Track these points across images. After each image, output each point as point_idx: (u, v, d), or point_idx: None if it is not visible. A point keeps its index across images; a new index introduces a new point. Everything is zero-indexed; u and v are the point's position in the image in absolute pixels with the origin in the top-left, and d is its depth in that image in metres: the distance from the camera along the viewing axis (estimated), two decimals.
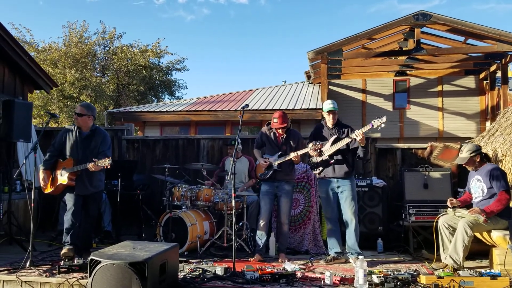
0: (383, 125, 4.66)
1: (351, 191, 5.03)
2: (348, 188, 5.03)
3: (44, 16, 41.98)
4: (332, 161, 5.03)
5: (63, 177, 5.03)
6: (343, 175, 5.04)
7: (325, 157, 5.04)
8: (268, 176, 5.23)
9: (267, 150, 5.39)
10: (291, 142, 5.27)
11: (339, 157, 5.04)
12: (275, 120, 5.21)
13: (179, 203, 5.86)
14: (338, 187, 5.07)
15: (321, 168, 5.14)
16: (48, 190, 5.14)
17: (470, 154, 4.75)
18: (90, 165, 4.78)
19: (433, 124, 14.10)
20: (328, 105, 5.17)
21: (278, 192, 5.30)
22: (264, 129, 5.45)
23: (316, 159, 5.12)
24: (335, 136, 5.05)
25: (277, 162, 5.16)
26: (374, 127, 4.69)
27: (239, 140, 5.01)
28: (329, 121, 5.16)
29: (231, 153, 6.31)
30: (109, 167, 4.77)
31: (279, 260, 5.07)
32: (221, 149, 7.28)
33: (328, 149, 5.02)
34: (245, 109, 4.98)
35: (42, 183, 5.10)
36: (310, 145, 4.96)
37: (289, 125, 5.29)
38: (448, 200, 4.85)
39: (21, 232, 5.93)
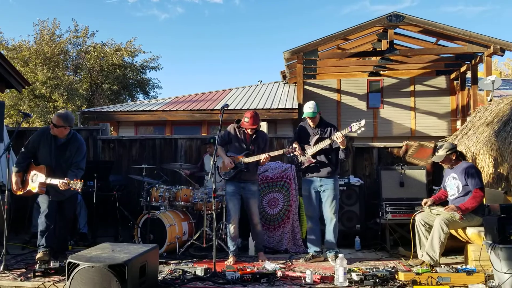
0: (362, 129, 4.71)
1: (333, 190, 5.06)
2: (330, 187, 5.05)
3: (14, 14, 40.90)
4: (315, 160, 5.06)
5: (34, 184, 4.85)
6: (326, 174, 5.07)
7: (308, 156, 5.07)
8: (232, 175, 5.19)
9: (232, 148, 5.26)
10: (259, 143, 5.25)
11: (322, 156, 5.06)
12: (246, 119, 5.10)
13: (157, 204, 5.79)
14: (321, 186, 5.09)
15: (304, 167, 5.17)
16: (19, 193, 4.97)
17: (446, 152, 4.86)
18: (60, 184, 4.56)
19: (405, 124, 14.37)
20: (306, 110, 5.11)
21: (244, 194, 5.20)
22: (232, 126, 5.30)
23: (300, 158, 5.15)
24: (318, 136, 5.08)
25: (246, 160, 5.11)
26: (353, 130, 4.72)
27: (219, 139, 4.93)
28: (310, 123, 5.18)
29: (210, 151, 6.28)
30: (79, 191, 4.65)
31: (259, 260, 5.07)
32: (199, 149, 7.24)
33: (311, 148, 5.05)
34: (225, 108, 4.97)
35: (14, 186, 4.90)
36: (284, 150, 5.02)
37: (259, 126, 5.26)
38: (422, 202, 4.95)
39: None
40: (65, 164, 4.89)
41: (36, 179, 4.85)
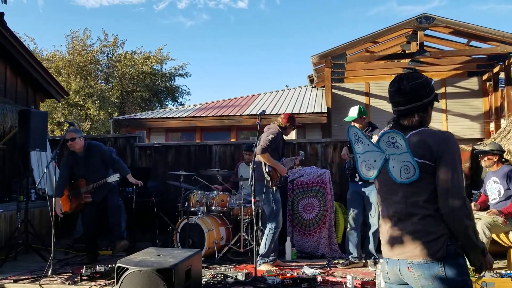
0: None
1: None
2: (374, 193, 4.99)
3: (44, 24, 42.18)
4: None
5: (78, 197, 5.45)
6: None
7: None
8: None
9: (272, 154, 5.08)
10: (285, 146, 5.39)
11: None
12: (289, 124, 5.23)
13: (195, 209, 5.91)
14: (365, 191, 5.09)
15: (351, 171, 5.20)
16: (71, 208, 5.54)
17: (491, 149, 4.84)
18: (105, 181, 5.38)
19: (437, 126, 14.13)
20: (349, 114, 5.09)
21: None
22: (279, 132, 5.20)
23: (349, 161, 5.19)
24: None
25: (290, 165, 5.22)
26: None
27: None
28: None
29: (248, 158, 6.27)
30: (118, 181, 5.42)
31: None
32: (233, 154, 7.33)
33: None
34: (262, 114, 5.03)
35: (58, 211, 5.27)
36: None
37: None
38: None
39: (38, 241, 5.98)
40: (94, 170, 5.46)
41: (78, 192, 5.40)
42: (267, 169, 4.94)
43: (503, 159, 4.90)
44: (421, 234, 1.92)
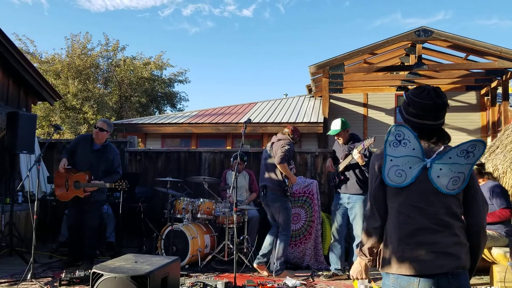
0: (372, 146, 4.69)
1: (361, 208, 4.92)
2: (358, 205, 4.95)
3: (48, 27, 42.43)
4: (342, 177, 5.04)
5: (78, 190, 5.28)
6: (353, 191, 5.00)
7: (338, 172, 5.08)
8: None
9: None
10: None
11: (351, 173, 5.02)
12: (296, 135, 5.49)
13: (180, 216, 5.87)
14: (348, 203, 5.04)
15: (336, 183, 5.18)
16: (63, 197, 5.39)
17: None
18: (102, 184, 5.29)
19: None
20: (331, 128, 5.17)
21: None
22: (291, 142, 5.36)
23: (334, 173, 5.19)
24: (346, 152, 5.06)
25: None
26: (365, 147, 4.70)
27: (245, 156, 5.05)
28: (338, 140, 5.19)
29: (240, 168, 6.28)
30: (125, 189, 5.40)
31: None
32: (223, 162, 7.30)
33: (340, 164, 5.06)
34: (248, 123, 5.02)
35: (62, 166, 5.26)
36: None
37: None
38: None
39: (22, 244, 5.94)
40: (99, 168, 5.38)
41: (79, 185, 5.25)
42: (282, 178, 5.13)
43: (485, 172, 4.87)
44: (461, 245, 1.91)
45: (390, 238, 2.00)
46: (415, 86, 2.22)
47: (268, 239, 5.30)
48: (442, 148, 2.00)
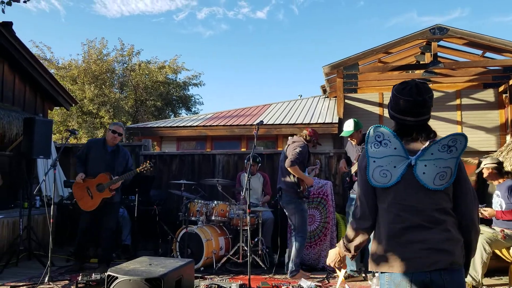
0: None
1: None
2: None
3: (65, 33, 43.06)
4: (355, 178, 5.01)
5: (103, 192, 5.36)
6: None
7: (352, 173, 5.05)
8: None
9: (299, 166, 5.14)
10: None
11: None
12: (314, 138, 5.54)
13: (195, 219, 5.89)
14: None
15: (349, 184, 5.15)
16: (90, 205, 5.43)
17: (484, 165, 4.75)
18: (124, 176, 5.41)
19: None
20: (344, 129, 5.14)
21: None
22: (305, 144, 5.34)
23: (348, 174, 5.16)
24: (359, 153, 5.02)
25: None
26: None
27: (258, 157, 5.01)
28: (351, 141, 5.16)
29: (254, 169, 6.30)
30: (151, 169, 5.58)
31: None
32: (237, 164, 7.30)
33: (353, 165, 5.03)
34: (260, 125, 5.01)
35: (80, 178, 5.38)
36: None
37: None
38: None
39: (40, 247, 6.02)
40: (114, 168, 5.48)
41: (103, 186, 5.34)
42: (295, 180, 5.09)
43: (505, 171, 4.77)
44: (454, 241, 1.88)
45: (381, 237, 2.01)
46: (402, 81, 2.18)
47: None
48: (427, 144, 1.98)
